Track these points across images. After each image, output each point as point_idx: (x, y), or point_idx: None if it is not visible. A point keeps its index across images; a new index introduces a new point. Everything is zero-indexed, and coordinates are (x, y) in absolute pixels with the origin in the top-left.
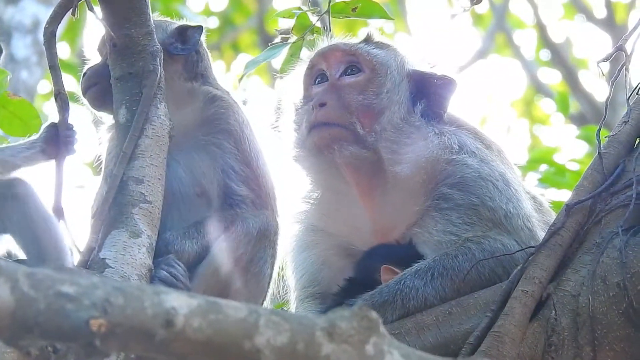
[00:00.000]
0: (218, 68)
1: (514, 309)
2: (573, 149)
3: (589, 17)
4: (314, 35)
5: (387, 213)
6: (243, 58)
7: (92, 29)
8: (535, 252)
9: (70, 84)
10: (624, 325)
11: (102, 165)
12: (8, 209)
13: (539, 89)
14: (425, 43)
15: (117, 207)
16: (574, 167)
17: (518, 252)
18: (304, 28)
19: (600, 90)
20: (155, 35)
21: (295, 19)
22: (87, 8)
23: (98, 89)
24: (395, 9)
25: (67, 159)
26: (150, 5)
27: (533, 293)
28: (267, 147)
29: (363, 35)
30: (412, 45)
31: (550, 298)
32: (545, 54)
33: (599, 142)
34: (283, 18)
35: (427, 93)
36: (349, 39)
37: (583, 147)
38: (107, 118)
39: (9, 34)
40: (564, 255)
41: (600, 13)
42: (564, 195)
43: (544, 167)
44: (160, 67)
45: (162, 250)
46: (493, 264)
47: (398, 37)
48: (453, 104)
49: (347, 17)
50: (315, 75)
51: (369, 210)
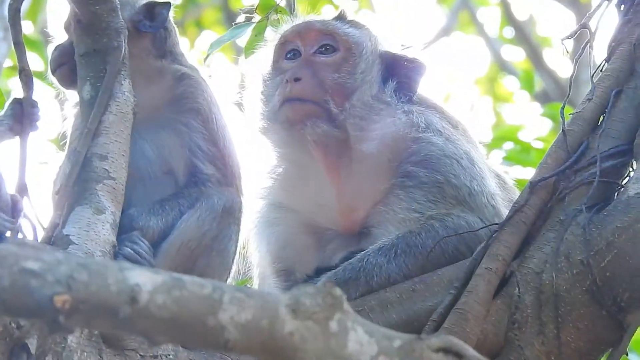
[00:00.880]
0: (182, 45)
1: (478, 287)
2: (537, 127)
3: None
4: (279, 15)
5: (352, 191)
6: (207, 35)
7: (56, 6)
8: (499, 229)
9: (35, 61)
10: (588, 303)
11: (67, 142)
12: None
13: (503, 67)
14: (389, 21)
15: (81, 183)
16: (539, 145)
17: (482, 229)
18: (268, 8)
19: (564, 68)
20: (123, 12)
21: None
22: None
23: (67, 68)
24: None
25: (31, 136)
26: None
27: (496, 270)
28: (233, 124)
29: (334, 14)
30: (377, 24)
31: (514, 275)
32: (509, 32)
33: (563, 119)
34: None
35: (397, 74)
36: (325, 17)
37: (547, 124)
38: (73, 96)
39: None
40: (528, 233)
41: None
42: (529, 173)
43: (509, 145)
44: (125, 43)
45: (126, 227)
46: (456, 241)
47: (362, 15)
48: (422, 86)
49: None
50: (288, 50)
51: (335, 188)
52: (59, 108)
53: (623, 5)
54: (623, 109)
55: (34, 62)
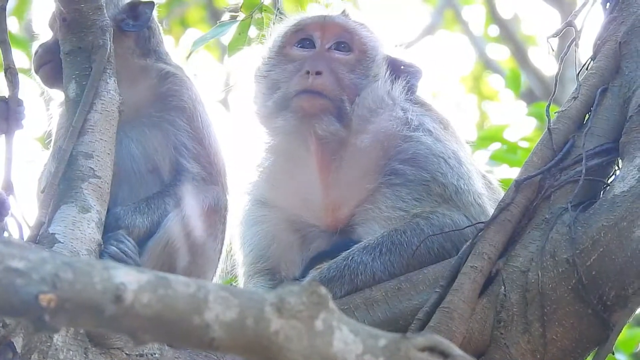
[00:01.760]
0: (167, 43)
1: (463, 285)
2: (522, 126)
3: None
4: (263, 14)
5: (341, 188)
6: (192, 33)
7: (41, 4)
8: (485, 227)
9: (20, 59)
10: (573, 301)
11: (52, 141)
12: None
13: (488, 65)
14: (374, 18)
15: (66, 181)
16: (525, 144)
17: (467, 227)
18: (253, 6)
19: (549, 66)
20: (106, 11)
21: None
22: None
23: (51, 67)
24: None
25: (16, 134)
26: None
27: (482, 269)
28: (218, 122)
29: (337, 10)
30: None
31: (500, 274)
32: (494, 30)
33: (549, 118)
34: None
35: (397, 77)
36: (344, 14)
37: (532, 123)
38: (58, 95)
39: None
40: (513, 231)
41: None
42: (516, 173)
43: (495, 145)
44: (110, 41)
45: (112, 226)
46: (442, 240)
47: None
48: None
49: None
50: (301, 38)
51: (324, 184)
52: (44, 106)
53: (608, 4)
54: (608, 107)
55: (20, 59)
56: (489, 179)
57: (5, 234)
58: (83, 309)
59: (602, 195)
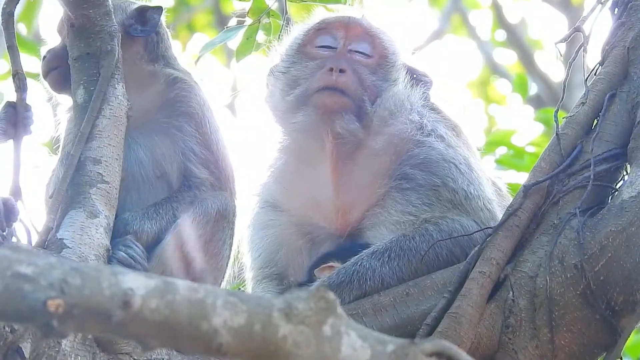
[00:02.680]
0: (174, 48)
1: (471, 290)
2: (530, 131)
3: None
4: (270, 19)
5: (352, 190)
6: (198, 38)
7: (49, 9)
8: (493, 233)
9: (28, 63)
10: (581, 307)
11: (60, 146)
12: None
13: (495, 70)
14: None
15: (74, 187)
16: (532, 149)
17: (476, 232)
18: (260, 11)
19: (556, 72)
20: (114, 16)
21: (252, 2)
22: None
23: (59, 72)
24: None
25: (24, 139)
26: None
27: (490, 274)
28: (225, 128)
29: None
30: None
31: (508, 279)
32: (501, 35)
33: (557, 123)
34: (239, 1)
35: (414, 84)
36: (367, 18)
37: (539, 128)
38: (67, 100)
39: None
40: (522, 237)
41: None
42: (523, 178)
43: (502, 149)
44: (118, 47)
45: (120, 231)
46: (451, 245)
47: None
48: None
49: (303, 1)
50: (322, 37)
51: (336, 185)
52: (52, 112)
53: (617, 9)
54: (617, 113)
55: (30, 64)
56: (499, 186)
57: (14, 240)
58: (91, 315)
59: (610, 201)
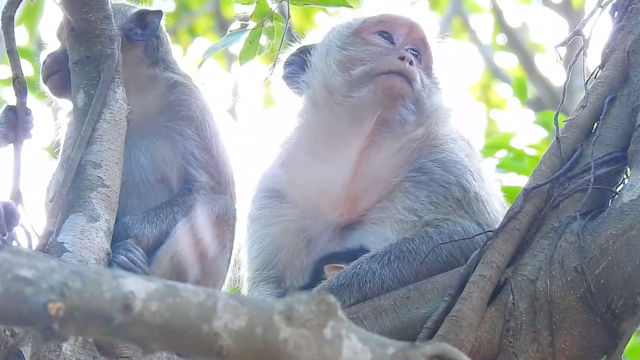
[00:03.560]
0: (175, 52)
1: (472, 294)
2: (530, 134)
3: (546, 1)
4: (273, 22)
5: (368, 178)
6: (200, 42)
7: (50, 14)
8: (493, 236)
9: (28, 70)
10: (582, 310)
11: (60, 150)
12: None
13: (496, 74)
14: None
15: (75, 191)
16: (532, 152)
17: (476, 235)
18: (263, 15)
19: (557, 75)
20: (114, 20)
21: (255, 6)
22: None
23: (59, 77)
24: None
25: (25, 143)
26: None
27: (491, 277)
28: (226, 131)
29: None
30: None
31: (508, 282)
32: (502, 39)
33: (557, 126)
34: (242, 4)
35: None
36: (427, 26)
37: (540, 132)
38: (66, 104)
39: None
40: (522, 240)
41: None
42: (523, 181)
43: (502, 152)
44: (118, 51)
45: (121, 235)
46: (451, 247)
47: None
48: None
49: (306, 4)
50: (381, 30)
51: (354, 171)
52: (52, 116)
53: (616, 12)
54: (617, 116)
55: (28, 70)
56: (505, 203)
57: (14, 243)
58: (92, 318)
59: (610, 204)
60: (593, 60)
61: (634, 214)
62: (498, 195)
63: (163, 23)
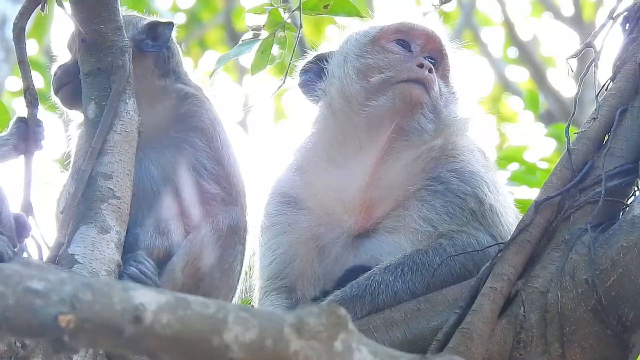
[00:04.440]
0: (186, 64)
1: (483, 306)
2: (541, 147)
3: (557, 14)
4: (285, 32)
5: (385, 185)
6: (210, 55)
7: (60, 26)
8: (504, 248)
9: (38, 81)
10: (593, 322)
11: (70, 162)
12: None
13: (507, 87)
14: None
15: (85, 202)
16: (544, 165)
17: (489, 247)
18: (275, 24)
19: (568, 88)
20: (126, 31)
21: (267, 16)
22: (56, 3)
23: (70, 88)
24: (364, 6)
25: (35, 155)
26: (120, 1)
27: (502, 290)
28: (237, 143)
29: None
30: None
31: (519, 295)
32: (513, 52)
33: (568, 138)
34: (254, 14)
35: None
36: (444, 36)
37: (551, 144)
38: (77, 116)
39: None
40: (533, 252)
41: (568, 11)
42: (535, 194)
43: (514, 165)
44: (130, 62)
45: (132, 246)
46: (464, 260)
47: None
48: None
49: (318, 14)
50: (399, 38)
51: (371, 178)
52: (63, 128)
53: (628, 24)
54: (628, 128)
55: (38, 82)
56: (519, 217)
57: (25, 255)
58: (102, 330)
59: (621, 216)
60: (604, 73)
61: None
62: (512, 208)
63: (174, 34)
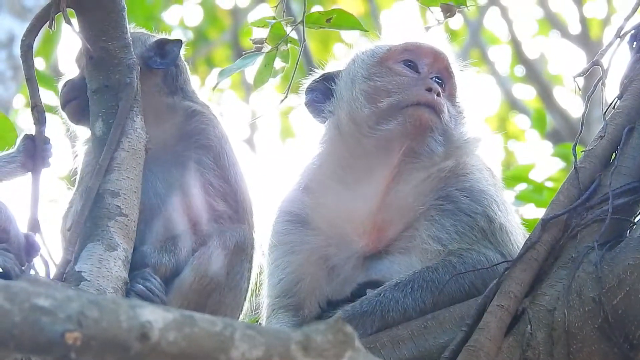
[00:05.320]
0: (193, 82)
1: (490, 324)
2: (548, 166)
3: (564, 33)
4: (288, 46)
5: (396, 207)
6: (217, 72)
7: (68, 42)
8: (511, 266)
9: (46, 97)
10: (599, 340)
11: (77, 179)
12: None
13: (514, 105)
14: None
15: (93, 219)
16: (551, 184)
17: (497, 265)
18: (279, 38)
19: (575, 107)
20: (134, 48)
21: (270, 29)
22: (64, 21)
23: (77, 103)
24: (369, 21)
25: (43, 172)
26: (128, 19)
27: (508, 307)
28: (244, 160)
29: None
30: None
31: (526, 312)
32: (520, 70)
33: (575, 156)
34: (257, 28)
35: None
36: (451, 55)
37: (558, 163)
38: (83, 132)
39: None
40: (540, 270)
41: (575, 29)
42: (542, 213)
43: (521, 185)
44: (137, 79)
45: (139, 264)
46: (473, 277)
47: None
48: None
49: (321, 27)
50: (406, 59)
51: (382, 200)
52: (70, 145)
53: (635, 43)
54: (635, 146)
55: (46, 97)
56: (526, 236)
57: (32, 272)
58: (109, 347)
59: (628, 234)
60: (611, 91)
61: None
62: (520, 227)
63: (182, 52)
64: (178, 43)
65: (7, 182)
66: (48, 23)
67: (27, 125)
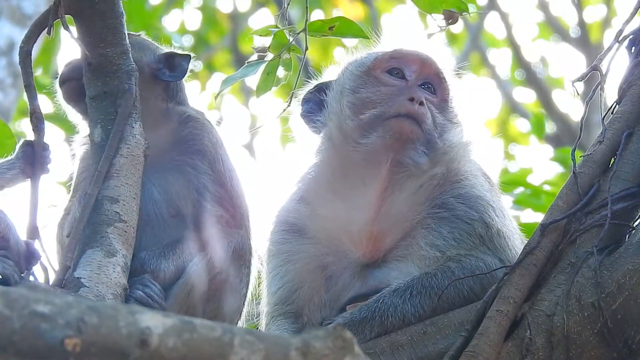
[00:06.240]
0: (192, 87)
1: (489, 329)
2: (546, 170)
3: (564, 36)
4: (291, 54)
5: (391, 217)
6: (217, 77)
7: (67, 51)
8: (510, 271)
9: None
10: (599, 345)
11: (72, 185)
12: None
13: (515, 109)
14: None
15: (91, 226)
16: (549, 188)
17: (496, 270)
18: (281, 46)
19: (575, 111)
20: (143, 56)
21: (272, 37)
22: (62, 27)
23: (76, 84)
24: (368, 26)
25: (42, 178)
26: (130, 25)
27: (508, 313)
28: (240, 166)
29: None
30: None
31: (525, 318)
32: (520, 74)
33: (574, 161)
34: (260, 36)
35: None
36: (439, 60)
37: (556, 167)
38: (75, 117)
39: None
40: (539, 275)
41: (575, 33)
42: (540, 217)
43: (519, 189)
44: (136, 86)
45: (137, 270)
46: (472, 283)
47: None
48: None
49: (324, 35)
50: (393, 67)
51: (376, 211)
52: (69, 150)
53: (634, 48)
54: (634, 151)
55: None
56: (524, 241)
57: (31, 279)
58: (108, 353)
59: (627, 239)
60: (610, 96)
61: None
62: (518, 232)
63: (191, 67)
64: (187, 58)
65: (6, 188)
66: (47, 29)
67: (24, 129)
